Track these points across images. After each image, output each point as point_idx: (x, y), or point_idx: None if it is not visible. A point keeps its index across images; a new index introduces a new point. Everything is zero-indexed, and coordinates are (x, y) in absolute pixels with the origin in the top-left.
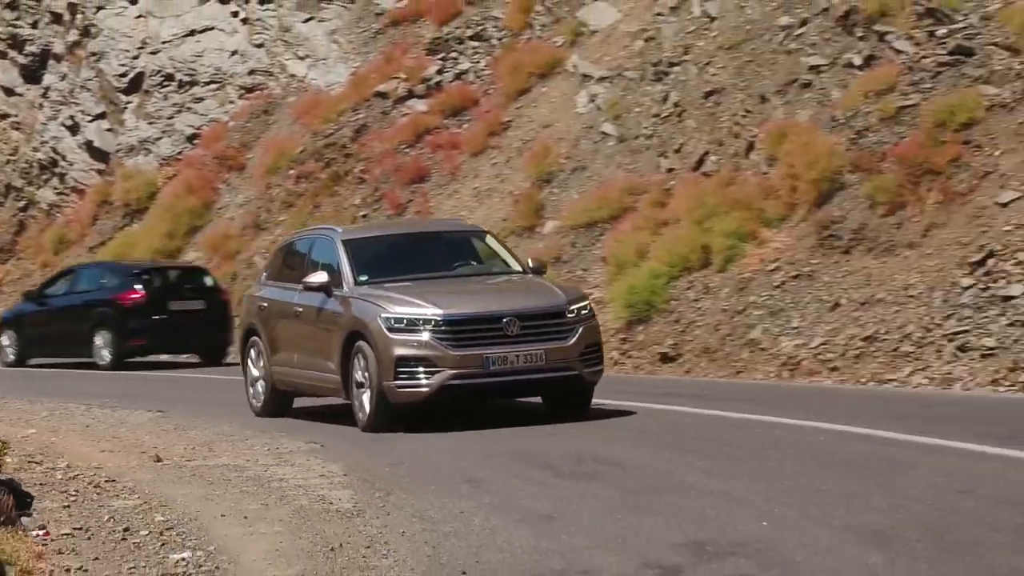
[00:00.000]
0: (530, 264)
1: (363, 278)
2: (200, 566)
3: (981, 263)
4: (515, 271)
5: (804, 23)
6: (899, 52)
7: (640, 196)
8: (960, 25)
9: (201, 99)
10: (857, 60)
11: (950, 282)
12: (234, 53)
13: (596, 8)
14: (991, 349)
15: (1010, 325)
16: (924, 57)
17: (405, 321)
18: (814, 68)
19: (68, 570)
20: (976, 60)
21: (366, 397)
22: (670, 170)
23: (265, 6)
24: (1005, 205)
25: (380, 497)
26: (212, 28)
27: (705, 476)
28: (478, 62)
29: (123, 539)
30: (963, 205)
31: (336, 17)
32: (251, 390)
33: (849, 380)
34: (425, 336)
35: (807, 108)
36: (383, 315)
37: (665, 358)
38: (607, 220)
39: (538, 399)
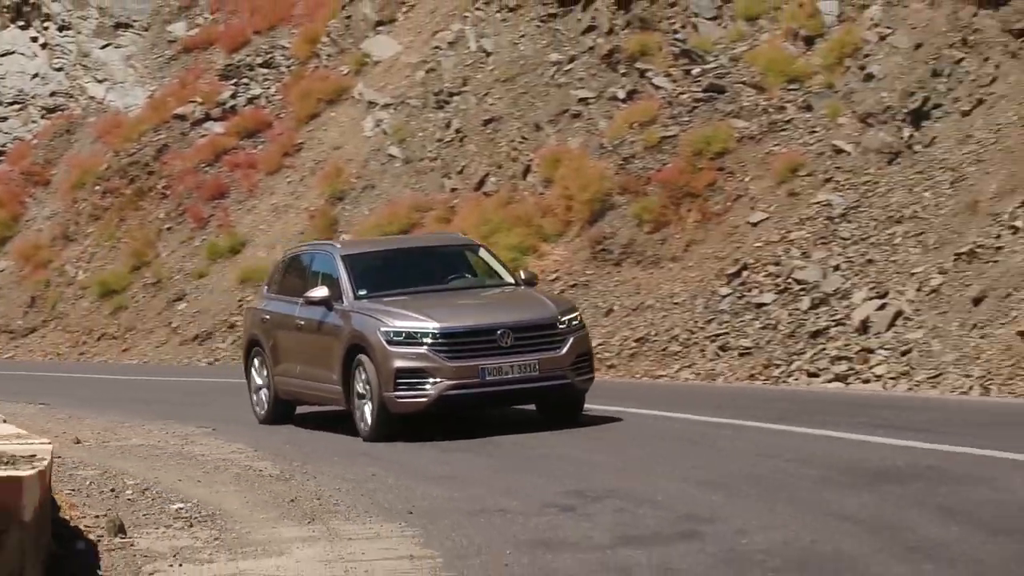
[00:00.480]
0: (522, 276)
1: (362, 292)
2: (199, 512)
3: (736, 275)
4: (507, 283)
5: (572, 60)
6: (658, 88)
7: (426, 213)
8: (712, 65)
9: (5, 119)
10: (621, 94)
11: (710, 291)
12: (35, 76)
13: (378, 40)
14: (747, 349)
15: (763, 328)
16: (682, 93)
17: (404, 334)
18: (583, 100)
19: (97, 516)
20: (727, 97)
21: (367, 407)
22: (453, 190)
23: (64, 32)
24: (755, 224)
25: (298, 466)
26: (13, 52)
27: (570, 448)
28: (269, 88)
29: (116, 496)
30: (719, 224)
31: (132, 43)
32: (254, 398)
33: (625, 376)
34: (423, 348)
35: (578, 136)
36: (382, 328)
37: None
38: (397, 235)
39: (532, 406)
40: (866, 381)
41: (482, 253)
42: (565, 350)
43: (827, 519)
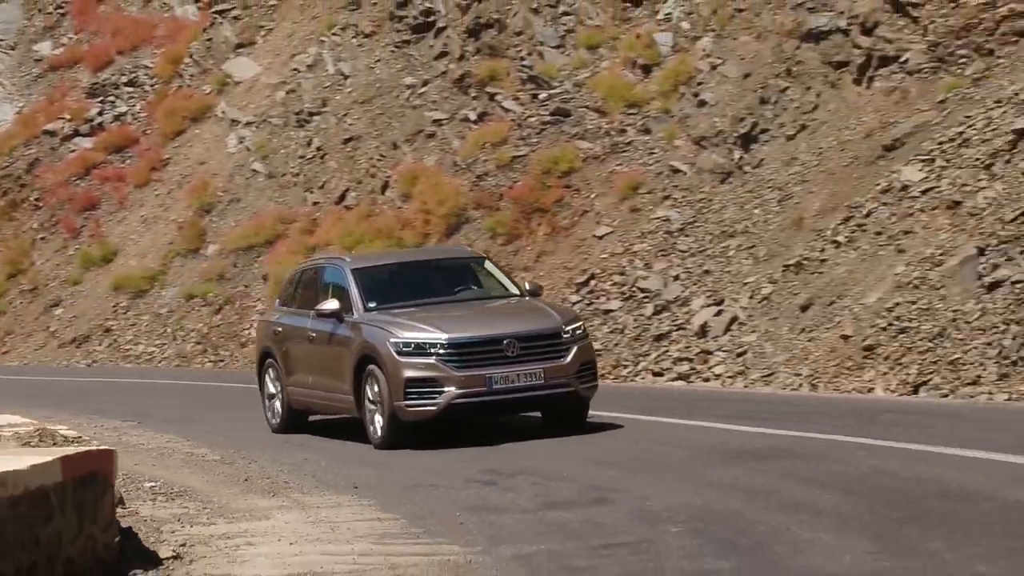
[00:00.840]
0: (527, 287)
1: (372, 304)
2: (171, 489)
3: (585, 283)
4: (513, 294)
5: (426, 83)
6: (508, 111)
7: (290, 225)
8: (557, 90)
9: None
10: (472, 116)
11: (561, 298)
12: None
13: (239, 62)
14: (597, 351)
15: (611, 332)
16: (530, 116)
17: (413, 345)
18: (436, 121)
19: None
20: (572, 120)
21: (378, 416)
22: (316, 203)
23: None
24: (600, 238)
25: (234, 452)
26: None
27: (477, 436)
28: (134, 105)
29: None
30: (567, 237)
31: None
32: (267, 408)
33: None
34: (432, 359)
35: (433, 155)
36: (392, 340)
37: None
38: (263, 244)
39: (537, 413)
40: (706, 380)
41: (487, 265)
42: (569, 359)
43: (709, 487)
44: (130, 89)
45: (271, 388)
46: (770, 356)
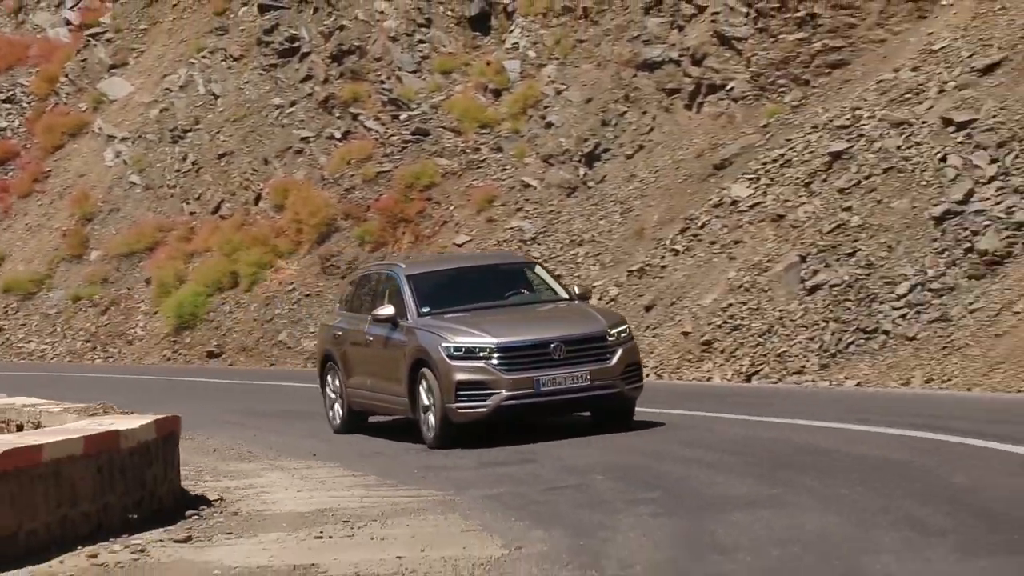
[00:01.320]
0: (576, 291)
1: (425, 309)
2: None
3: None
4: (562, 298)
5: (293, 104)
6: (370, 130)
7: (169, 233)
8: (416, 112)
9: None
10: (337, 134)
11: None
12: None
13: (113, 82)
14: None
15: None
16: (392, 135)
17: (464, 349)
18: (304, 139)
19: None
20: (431, 139)
21: (431, 418)
22: (192, 213)
23: None
24: (460, 245)
25: (189, 433)
26: None
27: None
28: (13, 121)
29: None
30: (430, 245)
31: None
32: (330, 410)
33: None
34: (482, 362)
35: (302, 169)
36: (443, 344)
37: (211, 355)
38: (144, 251)
39: (586, 413)
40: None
41: (537, 270)
42: (615, 361)
43: (612, 450)
44: (8, 106)
45: (331, 391)
46: None
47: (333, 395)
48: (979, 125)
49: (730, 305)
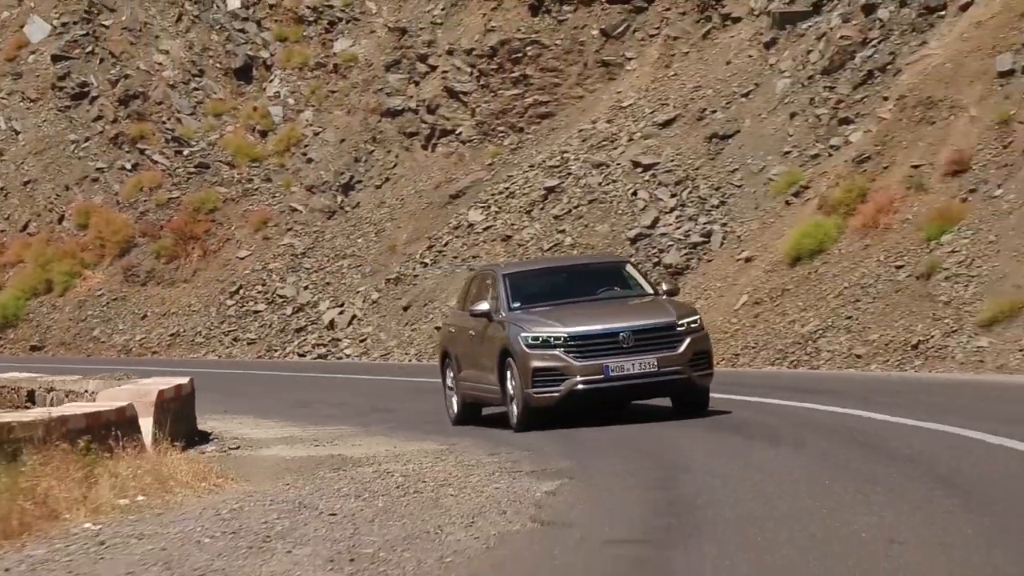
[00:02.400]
0: (664, 288)
1: (516, 304)
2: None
3: (236, 292)
4: (648, 294)
5: (87, 139)
6: (157, 162)
7: None
8: (197, 148)
9: None
10: (128, 165)
11: (219, 302)
12: None
13: None
14: (252, 339)
15: (261, 327)
16: (177, 167)
17: (540, 339)
18: (100, 169)
19: None
20: (211, 171)
21: (515, 403)
22: (2, 231)
23: None
24: (242, 258)
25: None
26: None
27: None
28: None
29: None
30: (216, 258)
31: None
32: (447, 402)
33: (163, 356)
34: (556, 351)
35: (99, 195)
36: (522, 335)
37: (34, 348)
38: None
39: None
40: (339, 359)
41: (628, 268)
42: (682, 349)
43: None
44: None
45: (448, 385)
46: (384, 342)
47: (449, 389)
48: (661, 167)
49: None
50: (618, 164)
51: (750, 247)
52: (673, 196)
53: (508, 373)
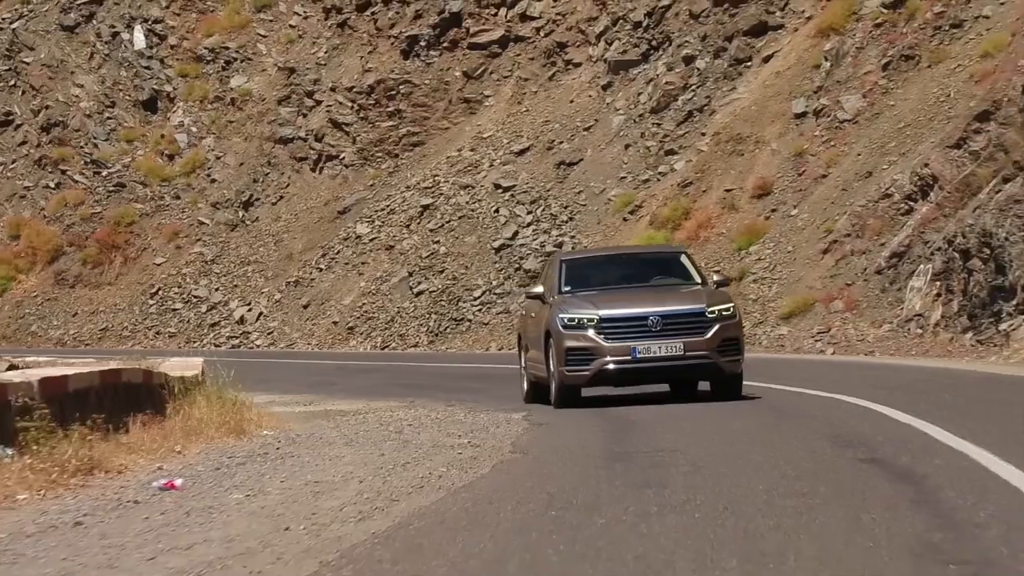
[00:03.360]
0: (714, 278)
1: (567, 289)
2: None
3: (155, 293)
4: (695, 283)
5: (14, 161)
6: (78, 182)
7: None
8: (114, 169)
9: None
10: (52, 185)
11: (141, 302)
12: None
13: None
14: (173, 333)
15: (179, 323)
16: (98, 186)
17: (576, 320)
18: (27, 187)
19: None
20: (128, 190)
21: (554, 382)
22: None
23: None
24: (159, 264)
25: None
26: None
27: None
28: None
29: None
30: (136, 263)
31: None
32: (521, 382)
33: (93, 347)
34: (589, 331)
35: (28, 210)
36: (559, 316)
37: None
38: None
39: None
40: (251, 348)
41: (682, 259)
42: (710, 335)
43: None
44: None
45: (521, 365)
46: (289, 334)
47: (522, 370)
48: (518, 189)
49: (363, 304)
50: (482, 186)
51: None
52: (529, 213)
53: (549, 352)
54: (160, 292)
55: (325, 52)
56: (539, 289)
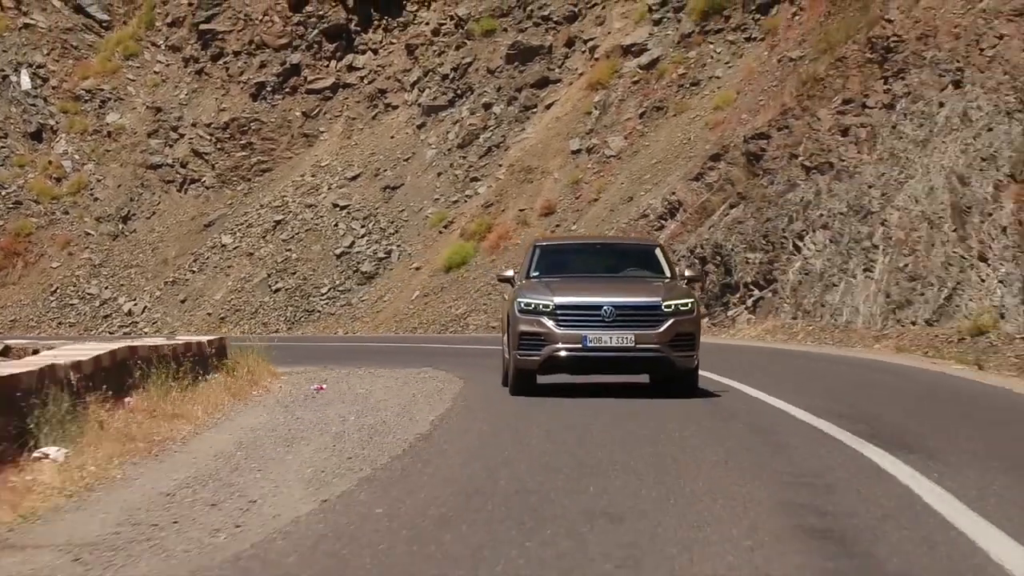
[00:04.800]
0: (686, 274)
1: (535, 274)
2: None
3: (54, 292)
4: (664, 277)
5: None
6: None
7: None
8: (11, 190)
9: None
10: None
11: (43, 299)
12: None
13: None
14: (72, 323)
15: (77, 315)
16: None
17: (532, 306)
18: None
19: None
20: (25, 206)
21: (510, 366)
22: None
23: None
24: (55, 268)
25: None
26: None
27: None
28: None
29: None
30: (35, 267)
31: None
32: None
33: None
34: (542, 318)
35: None
36: (517, 300)
37: None
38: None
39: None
40: (141, 336)
41: (656, 252)
42: (663, 328)
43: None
44: None
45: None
46: (172, 323)
47: (504, 353)
48: (352, 207)
49: (231, 300)
50: (323, 205)
51: (418, 261)
52: (363, 227)
53: (509, 336)
54: (58, 290)
55: (186, 94)
56: (509, 273)
